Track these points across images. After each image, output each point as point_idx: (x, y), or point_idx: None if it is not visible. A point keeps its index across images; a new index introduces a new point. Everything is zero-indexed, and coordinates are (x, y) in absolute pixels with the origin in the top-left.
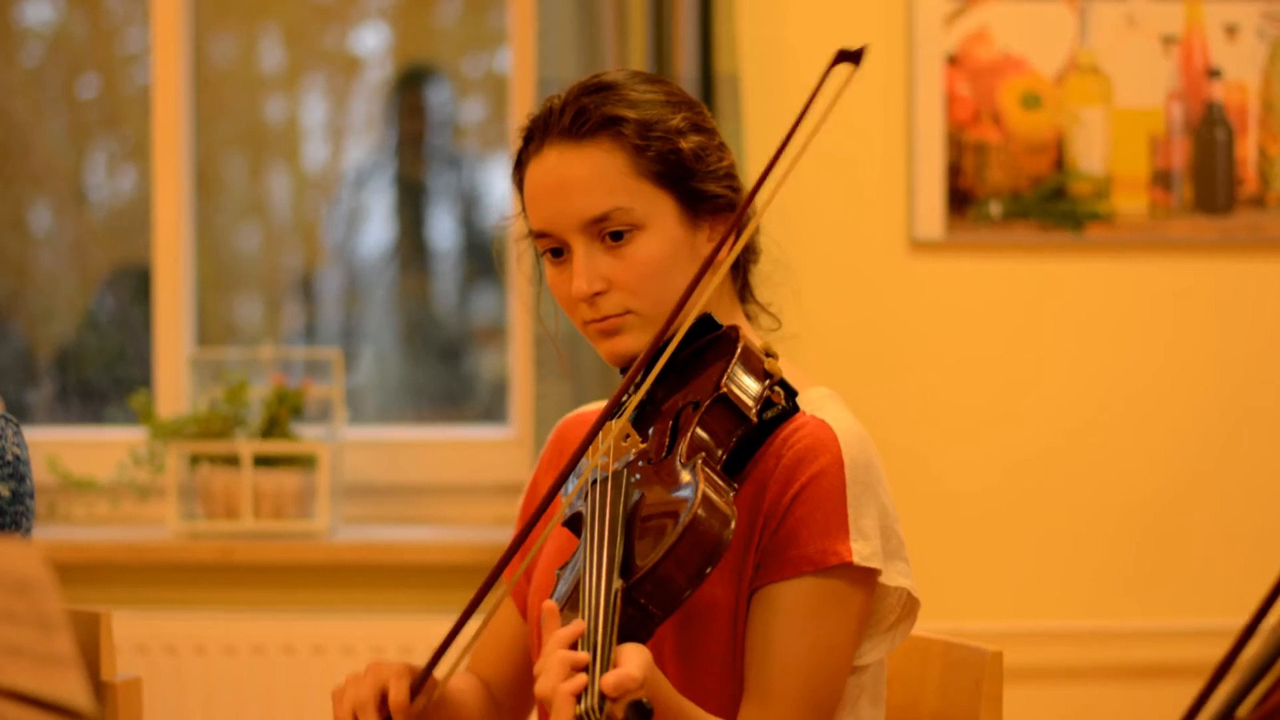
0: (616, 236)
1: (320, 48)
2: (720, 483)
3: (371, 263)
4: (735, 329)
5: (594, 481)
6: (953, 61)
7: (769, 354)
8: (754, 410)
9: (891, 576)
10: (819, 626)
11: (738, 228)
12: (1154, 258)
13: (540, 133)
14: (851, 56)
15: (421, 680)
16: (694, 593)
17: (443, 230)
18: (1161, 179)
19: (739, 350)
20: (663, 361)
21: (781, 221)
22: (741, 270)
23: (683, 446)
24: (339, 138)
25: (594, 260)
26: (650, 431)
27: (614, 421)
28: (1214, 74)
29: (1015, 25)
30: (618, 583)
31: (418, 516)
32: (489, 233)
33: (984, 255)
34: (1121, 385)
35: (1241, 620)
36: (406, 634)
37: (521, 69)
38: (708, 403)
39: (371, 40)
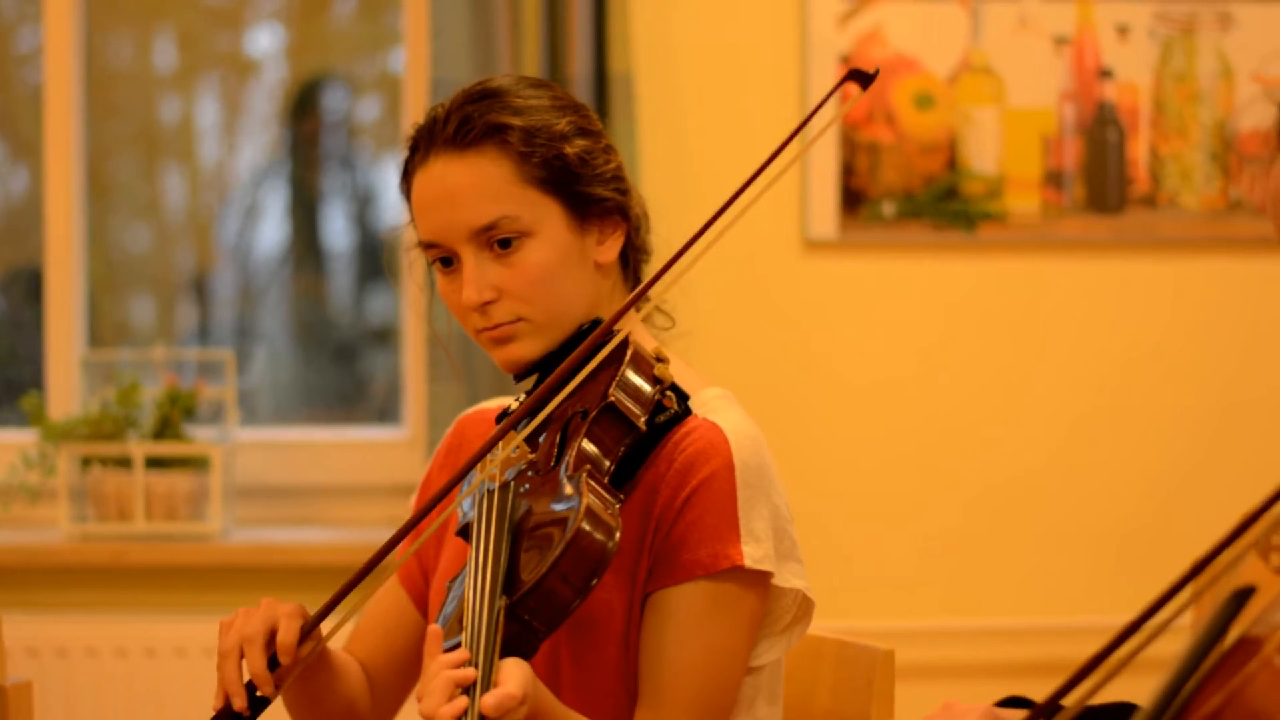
0: (505, 244)
1: (215, 49)
2: (605, 495)
3: (265, 263)
4: (626, 338)
5: (483, 492)
6: (846, 62)
7: (659, 359)
8: (642, 419)
9: (785, 578)
10: (711, 630)
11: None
12: (1046, 257)
13: (425, 142)
14: (862, 78)
15: (312, 626)
16: (580, 605)
17: (337, 231)
18: (1053, 179)
19: (628, 356)
20: (572, 386)
21: (676, 222)
22: (633, 269)
23: (570, 458)
24: (233, 138)
25: (483, 269)
26: (540, 440)
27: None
28: (1106, 74)
29: (908, 26)
30: (501, 600)
31: (311, 518)
32: (383, 233)
33: (877, 255)
34: (1012, 383)
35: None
36: None
37: (415, 70)
38: (595, 413)
39: (266, 41)
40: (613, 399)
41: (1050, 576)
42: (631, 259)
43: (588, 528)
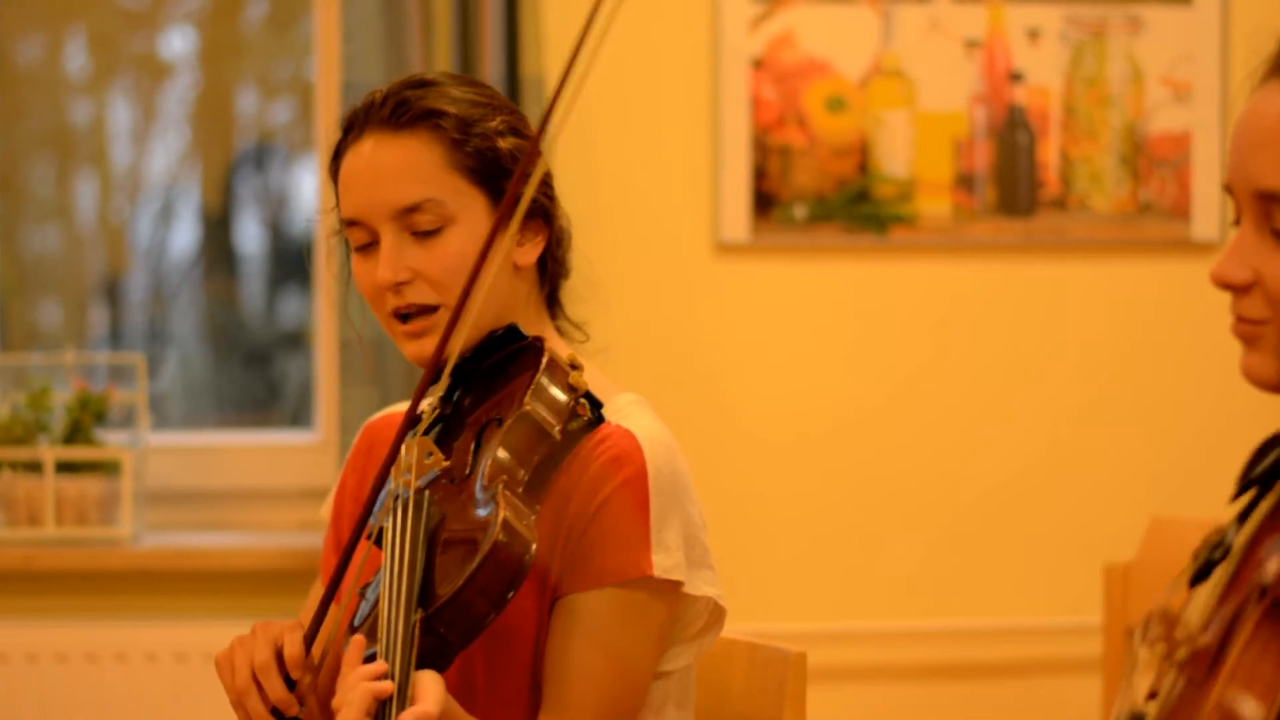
0: (426, 230)
1: (127, 51)
2: (522, 507)
3: (177, 267)
4: (541, 340)
5: (396, 498)
6: (758, 65)
7: (574, 365)
8: (557, 428)
9: (696, 586)
10: (619, 638)
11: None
12: (957, 260)
13: (360, 122)
14: None
15: (313, 634)
16: (496, 618)
17: (249, 234)
18: (964, 182)
19: (544, 364)
20: (447, 372)
21: (587, 225)
22: (549, 281)
23: (485, 467)
24: (146, 141)
25: (401, 250)
26: (453, 446)
27: (418, 437)
28: (1016, 77)
29: (820, 29)
30: (416, 614)
31: (223, 522)
32: (296, 237)
33: (789, 258)
34: (925, 386)
35: (1044, 620)
36: (212, 640)
37: (327, 72)
38: (510, 421)
39: (179, 44)
40: (528, 408)
41: (961, 578)
42: (550, 271)
43: (504, 540)
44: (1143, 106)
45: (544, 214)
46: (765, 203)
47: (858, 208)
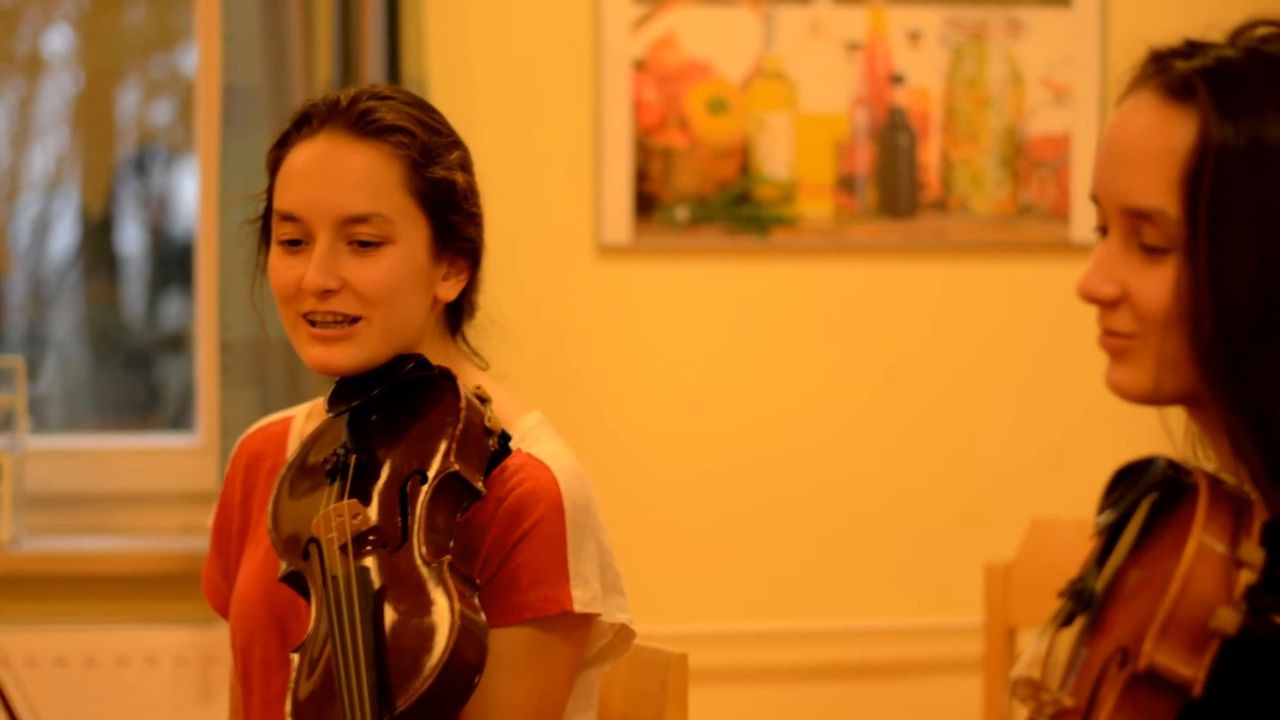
0: (365, 243)
1: (4, 50)
2: (470, 596)
3: (57, 269)
4: (450, 373)
5: (319, 551)
6: (640, 67)
7: (482, 398)
8: (481, 481)
9: (611, 613)
10: (539, 672)
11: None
12: (839, 261)
13: (319, 119)
14: None
15: None
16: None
17: (130, 236)
18: (846, 184)
19: (463, 415)
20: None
21: None
22: (457, 320)
23: (419, 534)
24: (24, 141)
25: (336, 257)
26: (374, 497)
27: (331, 487)
28: (897, 80)
29: (702, 31)
30: (384, 717)
31: (104, 526)
32: (177, 239)
33: (671, 259)
34: (808, 388)
35: (925, 620)
36: (92, 645)
37: (207, 72)
38: (436, 481)
39: (57, 43)
40: (456, 468)
41: (842, 579)
42: (462, 309)
43: (462, 644)
44: (1023, 109)
45: (474, 256)
46: (647, 205)
47: (739, 209)
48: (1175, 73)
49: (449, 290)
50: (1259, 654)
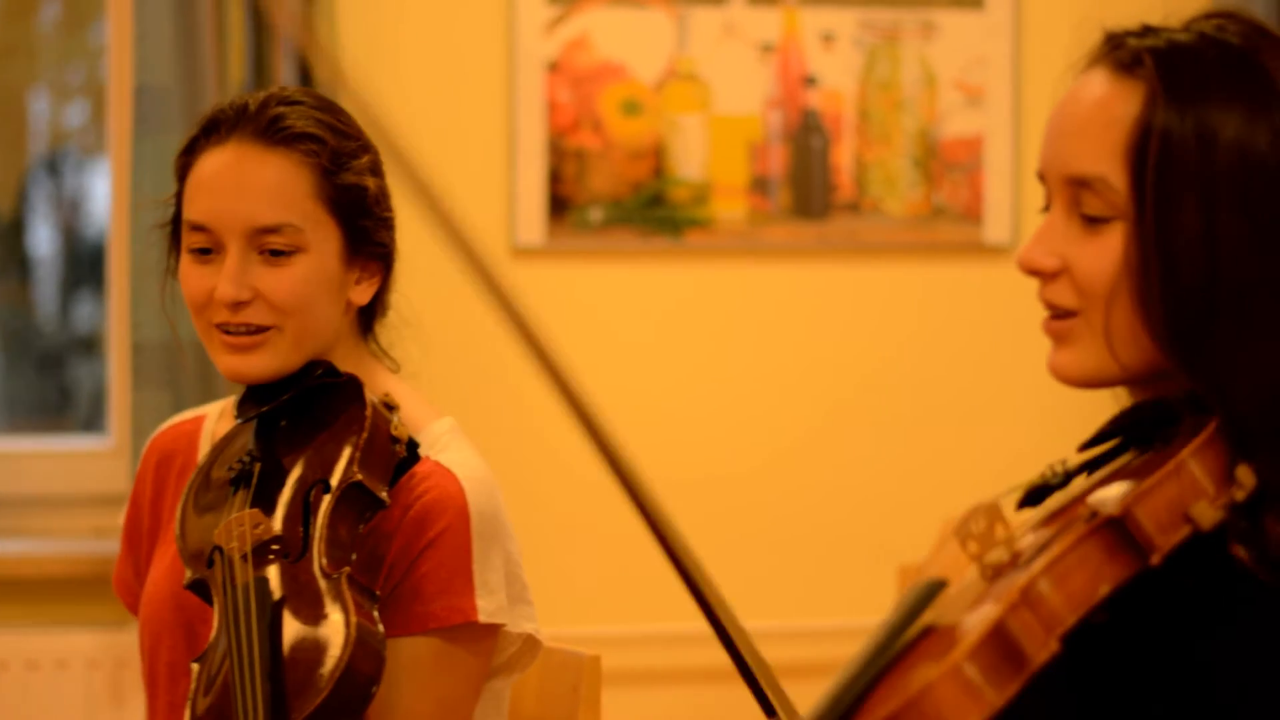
0: (276, 253)
1: None
2: (368, 608)
3: None
4: (358, 384)
5: (223, 560)
6: (553, 68)
7: (390, 405)
8: (385, 491)
9: (517, 623)
10: (443, 682)
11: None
12: (752, 263)
13: (228, 125)
14: None
15: None
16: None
17: (41, 237)
18: (760, 185)
19: (368, 424)
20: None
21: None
22: (369, 320)
23: (320, 545)
24: None
25: (248, 268)
26: (278, 506)
27: (236, 495)
28: (811, 82)
29: (615, 33)
30: None
31: (15, 529)
32: (89, 241)
33: (585, 262)
34: (720, 389)
35: (840, 620)
36: (2, 649)
37: (119, 75)
38: (340, 490)
39: None
40: (359, 478)
41: (756, 580)
42: (374, 310)
43: (359, 656)
44: (936, 110)
45: (386, 260)
46: (561, 206)
47: (653, 211)
48: (1127, 49)
49: (362, 294)
50: (1212, 572)
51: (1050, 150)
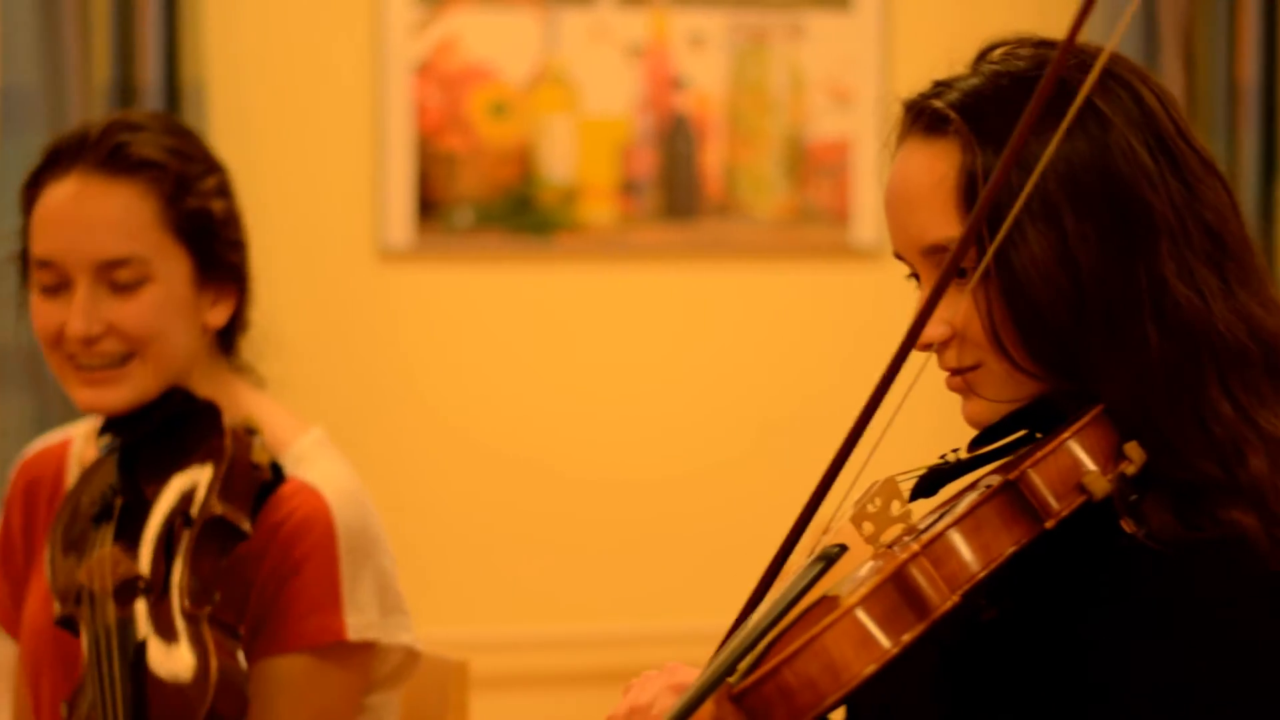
0: (125, 285)
1: None
2: (230, 647)
3: None
4: (216, 411)
5: (88, 599)
6: (422, 70)
7: (250, 430)
8: (248, 522)
9: (392, 635)
10: (317, 701)
11: None
12: (621, 265)
13: (69, 156)
14: None
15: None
16: None
17: None
18: (629, 188)
19: (228, 453)
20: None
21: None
22: (231, 339)
23: (181, 583)
24: None
25: (98, 303)
26: (141, 542)
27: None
28: (680, 84)
29: (483, 35)
30: None
31: None
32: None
33: (454, 264)
34: (590, 390)
35: (715, 621)
36: None
37: None
38: (201, 525)
39: None
40: (219, 512)
41: (628, 582)
42: (233, 328)
43: (221, 704)
44: (804, 113)
45: (239, 278)
46: (429, 209)
47: (522, 214)
48: (928, 112)
49: (218, 316)
50: (1100, 547)
51: (896, 231)
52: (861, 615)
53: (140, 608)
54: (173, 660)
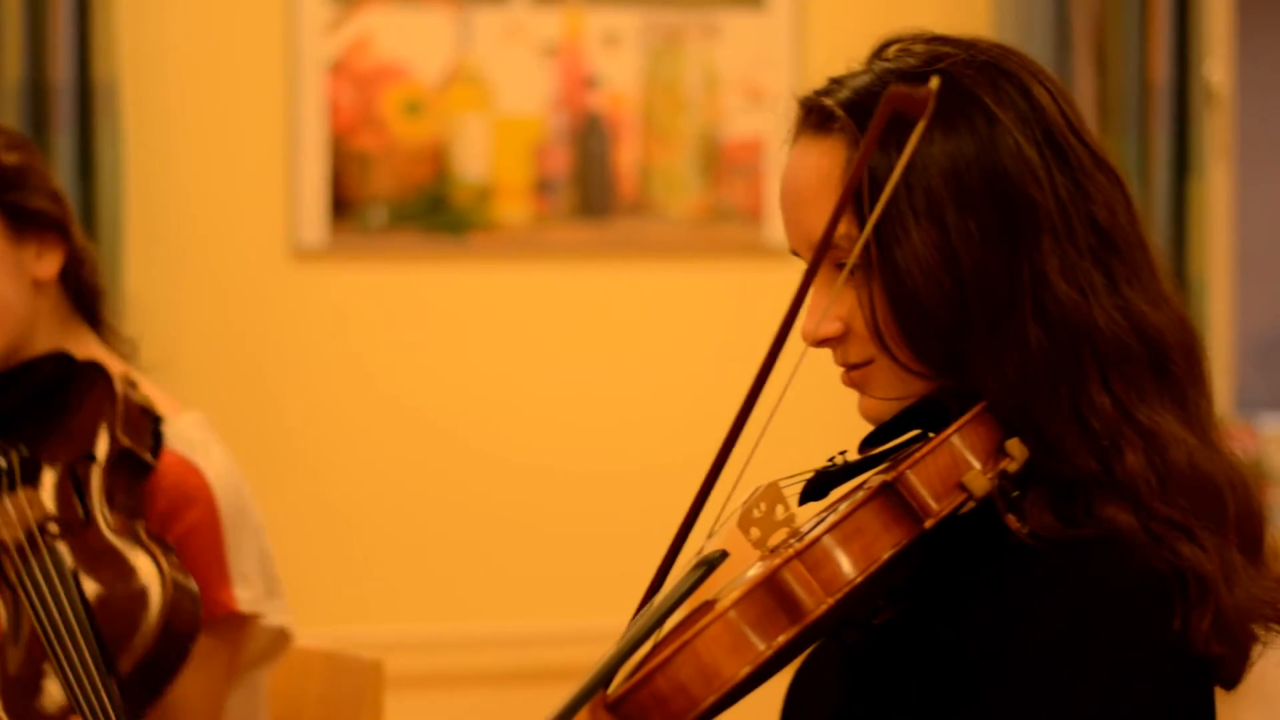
0: None
1: None
2: (172, 555)
3: None
4: (99, 365)
5: (5, 552)
6: (335, 69)
7: (131, 383)
8: (149, 454)
9: (273, 615)
10: (208, 673)
11: None
12: (536, 264)
13: None
14: None
15: None
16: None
17: None
18: (543, 187)
19: (120, 397)
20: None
21: (161, 230)
22: (84, 306)
23: (101, 510)
24: None
25: None
26: (47, 487)
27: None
28: (594, 83)
29: (397, 34)
30: (111, 680)
31: None
32: None
33: (368, 264)
34: (507, 389)
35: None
36: None
37: None
38: (109, 457)
39: None
40: (126, 444)
41: (542, 581)
42: (81, 292)
43: (174, 594)
44: (718, 112)
45: (59, 226)
46: (343, 208)
47: (436, 213)
48: (818, 110)
49: (47, 268)
50: (984, 543)
51: (790, 228)
52: (734, 619)
53: (64, 544)
54: (115, 575)
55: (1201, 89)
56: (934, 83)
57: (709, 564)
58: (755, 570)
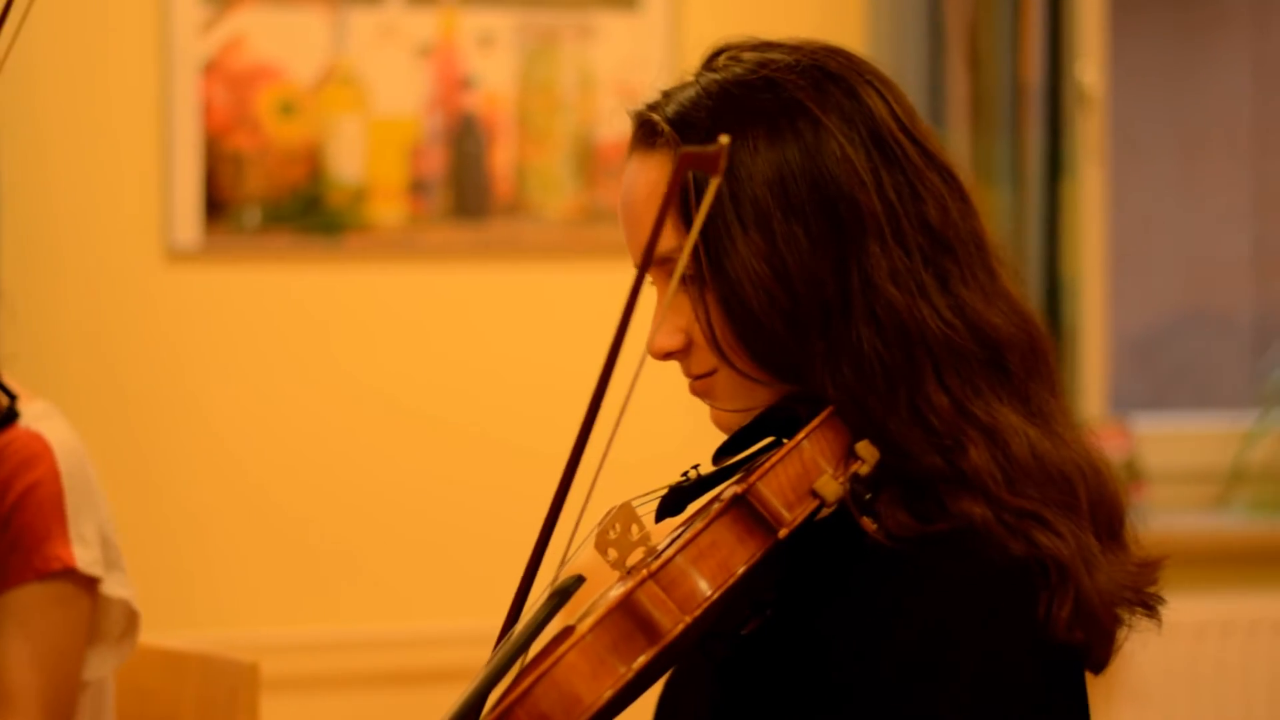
0: None
1: None
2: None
3: None
4: None
5: None
6: (209, 69)
7: None
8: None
9: (112, 587)
10: (49, 630)
11: None
12: (411, 266)
13: None
14: None
15: None
16: None
17: None
18: (419, 188)
19: None
20: None
21: (32, 232)
22: None
23: None
24: None
25: None
26: None
27: None
28: (469, 84)
29: (271, 34)
30: None
31: None
32: None
33: (242, 265)
34: (381, 392)
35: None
36: None
37: None
38: None
39: None
40: None
41: (417, 583)
42: None
43: None
44: (593, 113)
45: None
46: (217, 209)
47: (311, 214)
48: (647, 123)
49: None
50: (840, 546)
51: (628, 241)
52: (592, 643)
53: None
54: None
55: (1074, 89)
56: (724, 139)
57: (562, 593)
58: (613, 592)
